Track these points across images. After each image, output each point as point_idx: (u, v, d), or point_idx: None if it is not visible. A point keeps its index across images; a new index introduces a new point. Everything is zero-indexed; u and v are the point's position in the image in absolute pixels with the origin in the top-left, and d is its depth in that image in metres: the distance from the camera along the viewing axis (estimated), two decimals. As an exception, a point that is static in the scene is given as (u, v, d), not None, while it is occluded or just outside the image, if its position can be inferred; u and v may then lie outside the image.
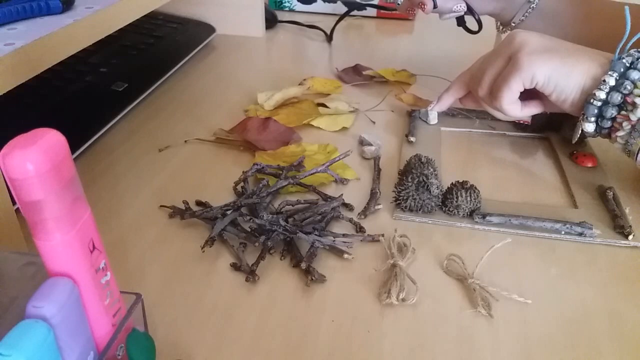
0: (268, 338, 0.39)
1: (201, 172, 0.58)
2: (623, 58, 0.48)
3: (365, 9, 1.08)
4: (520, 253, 0.47)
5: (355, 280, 0.44)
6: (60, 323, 0.26)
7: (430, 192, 0.49)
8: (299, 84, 0.76)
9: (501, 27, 0.76)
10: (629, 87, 0.47)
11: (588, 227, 0.48)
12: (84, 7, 0.52)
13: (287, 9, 1.11)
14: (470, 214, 0.50)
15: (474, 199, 0.49)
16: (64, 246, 0.27)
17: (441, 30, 1.01)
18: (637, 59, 0.48)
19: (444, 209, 0.51)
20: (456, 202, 0.49)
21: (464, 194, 0.49)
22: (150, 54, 0.79)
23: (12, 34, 0.45)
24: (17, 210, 0.42)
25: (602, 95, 0.48)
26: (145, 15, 0.60)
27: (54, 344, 0.26)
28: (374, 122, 0.68)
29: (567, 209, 0.52)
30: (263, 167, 0.54)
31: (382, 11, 1.07)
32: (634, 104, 0.46)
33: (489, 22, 0.74)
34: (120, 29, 0.56)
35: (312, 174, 0.53)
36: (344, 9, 1.01)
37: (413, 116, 0.67)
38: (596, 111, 0.48)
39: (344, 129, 0.66)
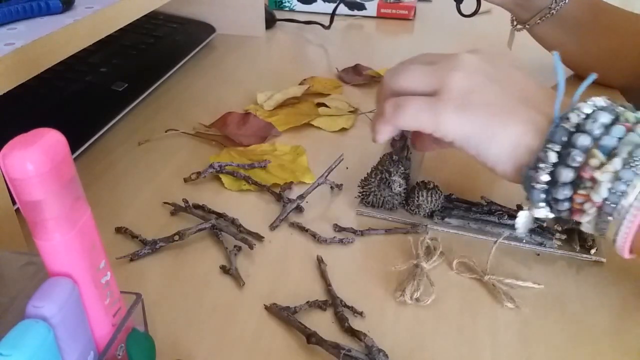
0: (268, 338, 0.39)
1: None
2: (566, 119, 0.36)
3: (366, 9, 1.08)
4: (518, 252, 0.47)
5: (356, 280, 0.44)
6: (60, 323, 0.26)
7: (391, 189, 0.49)
8: (299, 84, 0.76)
9: (516, 24, 0.73)
10: (578, 159, 0.35)
11: (548, 237, 0.47)
12: (84, 7, 0.52)
13: (287, 8, 1.11)
14: (432, 215, 0.50)
15: (436, 200, 0.49)
16: (64, 246, 0.27)
17: (441, 30, 1.01)
18: (586, 117, 0.36)
19: (406, 207, 0.51)
20: (417, 201, 0.49)
21: (424, 194, 0.49)
22: (150, 54, 0.79)
23: (12, 34, 0.45)
24: (17, 210, 0.42)
25: (544, 177, 0.36)
26: (145, 15, 0.60)
27: (54, 344, 0.26)
28: (374, 122, 0.68)
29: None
30: (221, 167, 0.55)
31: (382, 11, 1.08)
32: (593, 180, 0.34)
33: (486, 22, 0.72)
34: (120, 29, 0.55)
35: (314, 188, 0.53)
36: (345, 9, 1.01)
37: None
38: (543, 196, 0.37)
39: (343, 129, 0.66)
